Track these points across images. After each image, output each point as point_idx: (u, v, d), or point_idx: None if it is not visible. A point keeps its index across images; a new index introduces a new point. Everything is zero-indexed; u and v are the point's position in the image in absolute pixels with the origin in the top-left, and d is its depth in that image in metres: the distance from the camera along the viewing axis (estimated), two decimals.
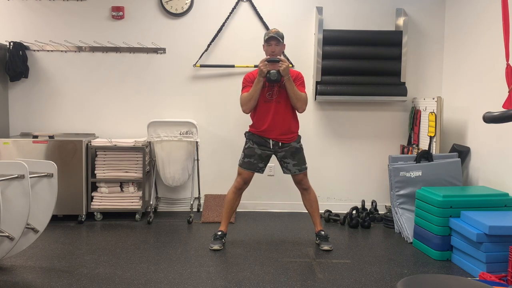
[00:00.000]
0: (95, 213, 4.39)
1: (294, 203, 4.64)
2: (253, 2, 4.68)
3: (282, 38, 3.60)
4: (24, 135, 4.61)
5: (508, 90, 2.70)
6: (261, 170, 3.70)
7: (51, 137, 4.32)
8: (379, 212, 4.55)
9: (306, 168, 3.71)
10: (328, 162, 4.84)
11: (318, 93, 4.57)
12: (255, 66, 3.54)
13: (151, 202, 4.49)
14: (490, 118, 2.25)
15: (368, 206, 4.58)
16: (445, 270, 3.29)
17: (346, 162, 4.84)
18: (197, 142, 4.49)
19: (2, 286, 2.90)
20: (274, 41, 3.55)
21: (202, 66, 4.70)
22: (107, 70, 4.73)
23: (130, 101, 4.77)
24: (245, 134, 3.76)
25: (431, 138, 4.30)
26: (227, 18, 4.68)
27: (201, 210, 4.71)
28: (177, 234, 4.02)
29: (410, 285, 1.60)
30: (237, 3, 4.68)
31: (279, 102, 3.58)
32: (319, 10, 4.61)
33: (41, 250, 3.54)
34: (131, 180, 4.40)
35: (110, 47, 4.68)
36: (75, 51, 4.70)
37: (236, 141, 4.59)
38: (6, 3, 4.65)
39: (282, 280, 3.04)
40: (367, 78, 4.62)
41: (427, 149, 4.29)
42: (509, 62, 2.68)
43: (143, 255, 3.47)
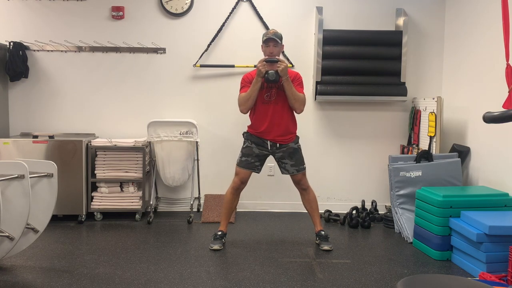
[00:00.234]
0: (95, 213, 4.39)
1: (294, 203, 4.63)
2: (253, 2, 4.68)
3: (281, 39, 3.58)
4: (24, 135, 4.61)
5: (508, 90, 2.70)
6: (257, 169, 3.70)
7: (51, 137, 4.32)
8: (379, 212, 4.55)
9: (304, 168, 3.71)
10: (328, 162, 4.84)
11: (318, 93, 4.57)
12: (255, 66, 3.54)
13: (151, 202, 4.49)
14: (490, 118, 2.25)
15: (368, 206, 4.58)
16: (445, 270, 3.29)
17: (346, 162, 4.84)
18: (197, 142, 4.49)
19: (2, 286, 2.90)
20: (272, 42, 3.53)
21: (202, 66, 4.70)
22: (107, 70, 4.74)
23: (130, 101, 4.77)
24: (243, 135, 3.76)
25: (431, 138, 4.30)
26: (227, 18, 4.68)
27: (201, 210, 4.71)
28: (177, 234, 4.03)
29: (410, 285, 1.60)
30: (237, 3, 4.68)
31: (277, 103, 3.58)
32: (319, 10, 4.62)
33: (41, 250, 3.54)
34: (131, 180, 4.40)
35: (110, 47, 4.68)
36: (75, 51, 4.71)
37: (236, 141, 4.58)
38: (6, 3, 4.65)
39: (282, 280, 3.05)
40: (367, 78, 4.62)
41: (427, 149, 4.29)
42: (509, 62, 2.68)
43: (143, 255, 3.47)
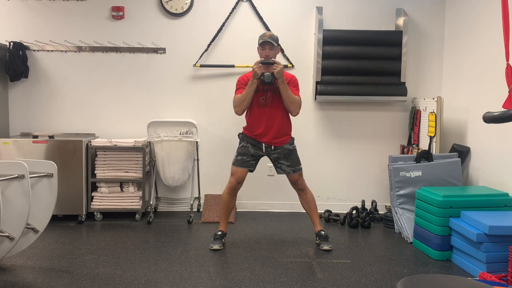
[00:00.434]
0: (95, 213, 4.39)
1: (294, 203, 4.62)
2: (253, 2, 4.68)
3: (277, 42, 3.57)
4: (24, 135, 4.61)
5: (508, 90, 2.70)
6: (252, 167, 3.72)
7: (51, 137, 4.32)
8: (379, 212, 4.55)
9: (300, 168, 3.72)
10: (328, 162, 4.84)
11: (318, 93, 4.57)
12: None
13: (151, 202, 4.49)
14: (490, 118, 2.25)
15: (368, 206, 4.58)
16: (445, 270, 3.29)
17: (346, 162, 4.84)
18: (197, 142, 4.49)
19: (2, 286, 2.90)
20: (268, 45, 3.53)
21: (202, 66, 4.70)
22: (107, 70, 4.74)
23: (130, 101, 4.77)
24: (238, 135, 3.78)
25: (431, 138, 4.30)
26: (227, 18, 4.68)
27: (201, 210, 4.71)
28: (177, 234, 4.02)
29: (410, 285, 1.60)
30: (237, 3, 4.68)
31: (273, 107, 3.59)
32: (319, 10, 4.62)
33: (41, 250, 3.54)
34: (131, 180, 4.40)
35: (110, 47, 4.68)
36: (75, 51, 4.71)
37: (236, 141, 4.52)
38: (6, 3, 4.65)
39: (282, 280, 3.04)
40: (367, 78, 4.62)
41: (427, 149, 4.29)
42: (509, 62, 2.68)
43: (143, 255, 3.47)
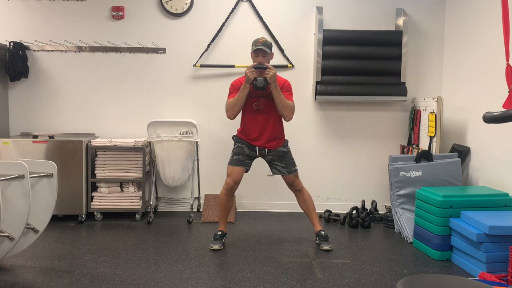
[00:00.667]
0: (95, 213, 4.39)
1: (294, 203, 4.59)
2: (253, 2, 4.68)
3: (270, 48, 3.59)
4: (24, 135, 4.61)
5: (508, 90, 2.70)
6: (248, 166, 3.73)
7: (51, 137, 4.32)
8: (379, 212, 4.55)
9: (295, 170, 3.73)
10: (328, 162, 4.83)
11: (318, 93, 4.57)
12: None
13: (151, 202, 4.49)
14: (490, 118, 2.25)
15: (368, 206, 4.58)
16: (445, 270, 3.29)
17: (346, 162, 4.84)
18: (197, 142, 4.49)
19: (2, 286, 2.90)
20: (261, 52, 3.54)
21: (202, 66, 4.70)
22: (107, 70, 4.73)
23: (130, 101, 4.77)
24: (233, 137, 3.80)
25: (431, 138, 4.30)
26: (227, 18, 4.68)
27: (201, 210, 4.71)
28: (177, 234, 4.02)
29: (410, 285, 1.59)
30: (237, 3, 4.68)
31: (266, 113, 3.60)
32: (319, 10, 4.61)
33: (41, 250, 3.54)
34: (131, 180, 4.40)
35: (110, 47, 4.68)
36: (75, 51, 4.70)
37: None
38: (6, 3, 4.65)
39: (282, 280, 3.04)
40: (367, 78, 4.62)
41: (427, 149, 4.29)
42: (509, 62, 2.68)
43: (143, 255, 3.47)
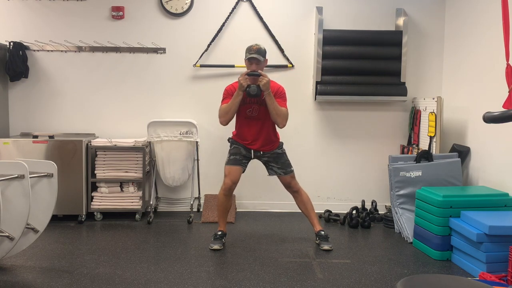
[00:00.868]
0: (95, 213, 4.39)
1: (294, 203, 4.61)
2: (253, 2, 4.68)
3: (264, 55, 3.59)
4: (24, 135, 4.61)
5: (508, 90, 2.70)
6: (244, 165, 3.73)
7: (51, 137, 4.32)
8: (379, 212, 4.55)
9: (292, 171, 3.74)
10: (328, 162, 4.83)
11: (318, 93, 4.57)
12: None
13: (151, 202, 4.49)
14: (490, 118, 2.25)
15: (368, 206, 4.58)
16: (445, 270, 3.29)
17: (346, 162, 4.84)
18: (197, 142, 4.49)
19: (2, 286, 2.90)
20: (254, 61, 3.53)
21: (202, 66, 4.70)
22: (107, 70, 4.73)
23: (130, 101, 4.77)
24: (228, 140, 3.81)
25: (431, 138, 4.30)
26: (227, 18, 4.68)
27: (201, 210, 4.71)
28: (177, 234, 4.02)
29: (410, 285, 1.60)
30: (237, 3, 4.68)
31: (259, 119, 3.62)
32: (319, 10, 4.61)
33: (41, 250, 3.54)
34: (131, 180, 4.40)
35: (110, 47, 4.68)
36: (75, 51, 4.70)
37: None
38: (6, 3, 4.64)
39: (282, 280, 3.04)
40: (367, 78, 4.62)
41: (427, 149, 4.29)
42: (509, 62, 2.68)
43: (143, 255, 3.47)
